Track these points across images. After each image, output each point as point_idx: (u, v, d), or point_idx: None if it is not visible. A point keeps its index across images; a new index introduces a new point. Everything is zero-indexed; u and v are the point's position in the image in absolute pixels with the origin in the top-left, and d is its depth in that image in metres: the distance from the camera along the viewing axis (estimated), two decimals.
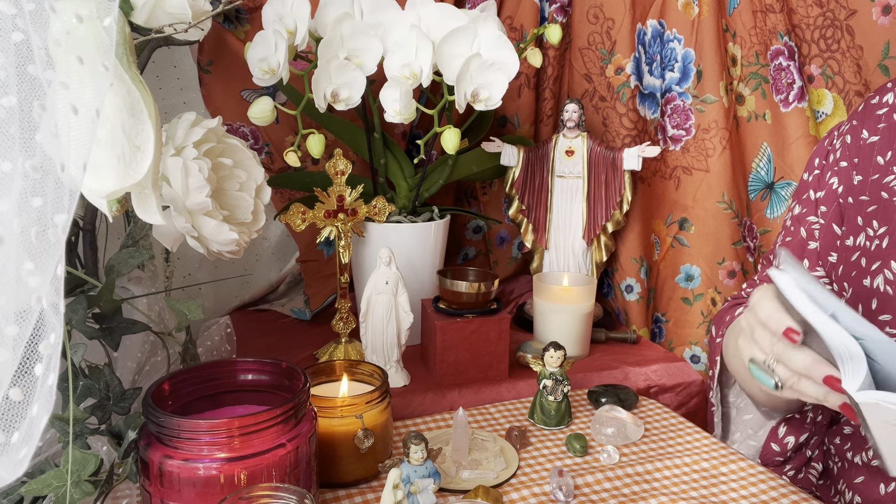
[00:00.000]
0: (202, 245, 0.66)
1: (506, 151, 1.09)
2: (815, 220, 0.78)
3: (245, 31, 1.06)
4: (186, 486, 0.55)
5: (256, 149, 1.12)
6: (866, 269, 0.69)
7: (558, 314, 1.00)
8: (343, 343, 0.98)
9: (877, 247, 0.69)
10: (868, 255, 0.70)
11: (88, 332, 0.61)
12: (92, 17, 0.42)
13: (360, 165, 1.15)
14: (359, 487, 0.69)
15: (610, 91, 1.16)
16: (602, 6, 1.15)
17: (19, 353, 0.36)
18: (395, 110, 0.86)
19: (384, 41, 0.88)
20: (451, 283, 0.91)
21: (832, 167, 0.77)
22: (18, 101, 0.37)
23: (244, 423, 0.55)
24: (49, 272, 0.37)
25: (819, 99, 0.99)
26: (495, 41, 0.87)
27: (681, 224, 1.12)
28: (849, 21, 0.94)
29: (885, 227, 0.68)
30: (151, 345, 0.76)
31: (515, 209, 1.11)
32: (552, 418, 0.82)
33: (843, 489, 0.73)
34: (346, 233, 0.95)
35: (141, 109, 0.46)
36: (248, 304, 1.23)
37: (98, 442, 0.64)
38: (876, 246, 0.69)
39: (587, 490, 0.69)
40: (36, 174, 0.37)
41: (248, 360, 0.68)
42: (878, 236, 0.69)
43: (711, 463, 0.75)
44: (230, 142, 0.70)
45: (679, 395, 1.01)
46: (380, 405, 0.69)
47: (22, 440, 0.37)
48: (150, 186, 0.47)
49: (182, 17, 0.61)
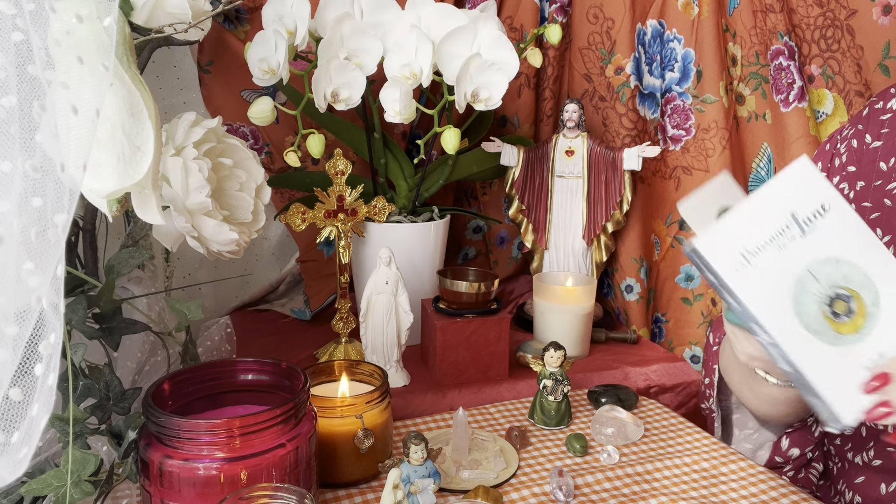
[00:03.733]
0: (202, 245, 0.66)
1: (506, 151, 1.09)
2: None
3: (245, 31, 1.06)
4: (186, 486, 0.55)
5: (256, 149, 1.12)
6: None
7: (558, 314, 1.00)
8: (343, 343, 0.98)
9: None
10: None
11: (88, 332, 0.61)
12: (92, 17, 0.42)
13: (360, 165, 1.15)
14: (359, 487, 0.69)
15: (610, 91, 1.16)
16: (602, 6, 1.15)
17: (19, 353, 0.36)
18: (395, 110, 0.86)
19: (384, 41, 0.88)
20: (451, 283, 0.91)
21: (839, 172, 0.75)
22: (18, 101, 0.37)
23: (244, 423, 0.55)
24: (49, 272, 0.37)
25: (819, 99, 0.99)
26: (495, 41, 0.87)
27: (681, 224, 1.12)
28: (849, 21, 0.94)
29: (889, 235, 0.68)
30: (151, 345, 0.76)
31: (515, 209, 1.11)
32: (552, 418, 0.82)
33: (843, 489, 0.73)
34: (346, 233, 0.95)
35: (141, 109, 0.46)
36: (248, 304, 1.23)
37: (98, 442, 0.65)
38: None
39: (587, 490, 0.69)
40: (36, 174, 0.37)
41: (248, 360, 0.68)
42: (884, 245, 0.68)
43: (711, 463, 0.75)
44: (230, 142, 0.70)
45: (679, 395, 1.01)
46: (380, 405, 0.69)
47: (22, 440, 0.37)
48: (150, 186, 0.47)
49: (182, 17, 0.61)
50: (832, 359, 0.52)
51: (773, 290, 0.52)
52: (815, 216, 0.53)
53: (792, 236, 0.52)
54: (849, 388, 0.52)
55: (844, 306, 0.52)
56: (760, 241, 0.52)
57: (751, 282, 0.51)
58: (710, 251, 0.51)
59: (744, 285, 0.51)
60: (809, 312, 0.52)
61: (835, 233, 0.53)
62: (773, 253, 0.52)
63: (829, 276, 0.52)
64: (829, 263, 0.52)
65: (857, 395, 0.51)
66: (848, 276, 0.52)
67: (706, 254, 0.51)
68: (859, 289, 0.52)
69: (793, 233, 0.52)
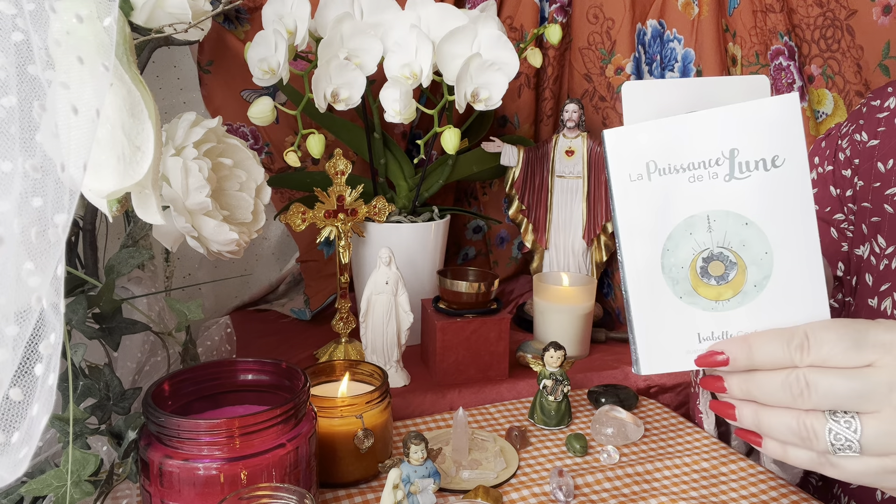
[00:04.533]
0: (202, 245, 0.66)
1: (506, 151, 1.09)
2: (843, 218, 0.75)
3: (245, 31, 1.06)
4: (186, 486, 0.55)
5: (256, 149, 1.12)
6: (873, 288, 0.67)
7: (558, 314, 1.00)
8: (343, 343, 0.98)
9: (885, 266, 0.67)
10: (875, 273, 0.68)
11: (88, 332, 0.61)
12: (92, 17, 0.42)
13: (360, 165, 1.15)
14: (359, 487, 0.69)
15: (610, 91, 1.16)
16: (602, 6, 1.15)
17: (19, 353, 0.36)
18: (395, 110, 0.86)
19: (384, 41, 0.88)
20: (451, 283, 0.91)
21: (847, 165, 0.74)
22: (18, 101, 0.37)
23: (244, 423, 0.55)
24: (49, 272, 0.37)
25: (819, 99, 0.99)
26: (495, 41, 0.87)
27: None
28: (849, 21, 0.94)
29: (893, 246, 0.67)
30: (151, 345, 0.76)
31: (515, 209, 1.11)
32: (552, 418, 0.82)
33: (838, 493, 0.73)
34: (346, 233, 0.95)
35: (141, 109, 0.46)
36: (248, 304, 1.23)
37: (98, 442, 0.64)
38: (885, 266, 0.67)
39: (587, 490, 0.69)
40: (36, 174, 0.37)
41: (248, 360, 0.68)
42: (887, 255, 0.67)
43: (711, 463, 0.75)
44: (230, 142, 0.70)
45: (679, 395, 1.01)
46: (380, 405, 0.69)
47: (22, 440, 0.37)
48: (150, 186, 0.47)
49: (182, 17, 0.61)
50: (668, 309, 0.47)
51: (654, 217, 0.46)
52: (757, 165, 0.45)
53: (715, 174, 0.45)
54: (669, 345, 0.47)
55: (721, 270, 0.46)
56: (676, 163, 0.46)
57: (637, 197, 0.46)
58: (615, 148, 0.46)
59: (628, 197, 0.46)
60: (679, 255, 0.46)
61: (768, 193, 0.45)
62: (680, 181, 0.45)
63: (725, 234, 0.46)
64: (735, 221, 0.45)
65: (677, 356, 0.47)
66: (746, 244, 0.46)
67: (610, 149, 0.46)
68: (750, 263, 0.46)
69: (719, 171, 0.45)
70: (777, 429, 0.44)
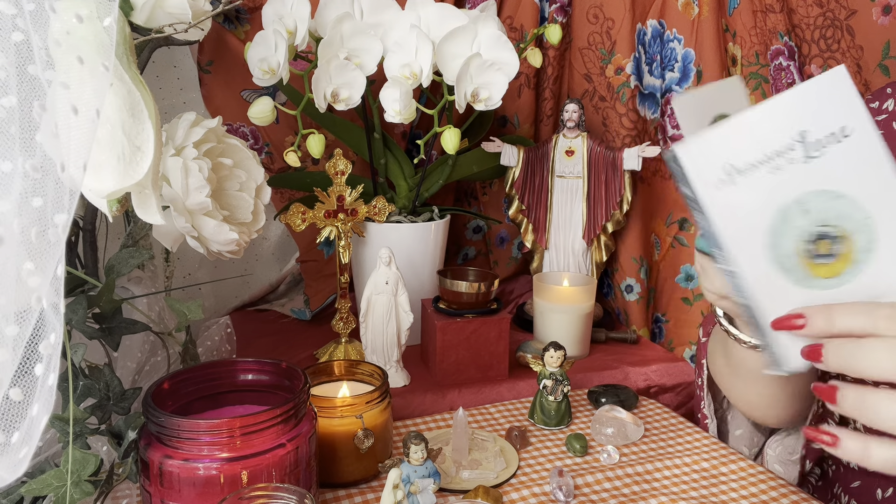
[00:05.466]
0: (202, 245, 0.66)
1: (506, 151, 1.09)
2: None
3: (245, 31, 1.06)
4: (186, 486, 0.55)
5: (256, 149, 1.12)
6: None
7: (558, 314, 1.00)
8: (343, 343, 0.98)
9: None
10: None
11: (88, 332, 0.61)
12: (92, 17, 0.42)
13: (360, 165, 1.15)
14: (359, 487, 0.69)
15: (610, 91, 1.16)
16: (602, 6, 1.15)
17: (19, 353, 0.36)
18: (395, 110, 0.86)
19: (384, 41, 0.88)
20: (451, 283, 0.91)
21: None
22: (18, 101, 0.37)
23: (244, 423, 0.55)
24: (49, 272, 0.37)
25: None
26: (495, 41, 0.87)
27: (681, 224, 1.12)
28: (849, 21, 0.94)
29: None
30: (151, 345, 0.76)
31: (515, 209, 1.11)
32: (552, 418, 0.82)
33: (839, 493, 0.73)
34: (346, 233, 0.95)
35: (141, 109, 0.46)
36: (248, 304, 1.23)
37: (98, 442, 0.64)
38: None
39: (587, 490, 0.69)
40: (36, 174, 0.37)
41: (248, 360, 0.68)
42: None
43: (711, 463, 0.75)
44: (230, 142, 0.70)
45: (679, 395, 1.01)
46: (380, 405, 0.69)
47: (22, 440, 0.37)
48: (150, 186, 0.47)
49: (182, 17, 0.61)
50: (792, 299, 0.46)
51: (751, 215, 0.46)
52: (829, 140, 0.45)
53: (792, 159, 0.45)
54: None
55: (828, 247, 0.46)
56: (753, 159, 0.45)
57: (727, 201, 0.45)
58: (690, 160, 0.45)
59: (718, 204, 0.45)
60: (784, 246, 0.46)
61: (848, 163, 0.45)
62: (763, 174, 0.45)
63: (820, 212, 0.46)
64: (826, 197, 0.45)
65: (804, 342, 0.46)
66: (844, 215, 0.46)
67: (686, 162, 0.45)
68: (853, 231, 0.45)
69: (795, 155, 0.45)
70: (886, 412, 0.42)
